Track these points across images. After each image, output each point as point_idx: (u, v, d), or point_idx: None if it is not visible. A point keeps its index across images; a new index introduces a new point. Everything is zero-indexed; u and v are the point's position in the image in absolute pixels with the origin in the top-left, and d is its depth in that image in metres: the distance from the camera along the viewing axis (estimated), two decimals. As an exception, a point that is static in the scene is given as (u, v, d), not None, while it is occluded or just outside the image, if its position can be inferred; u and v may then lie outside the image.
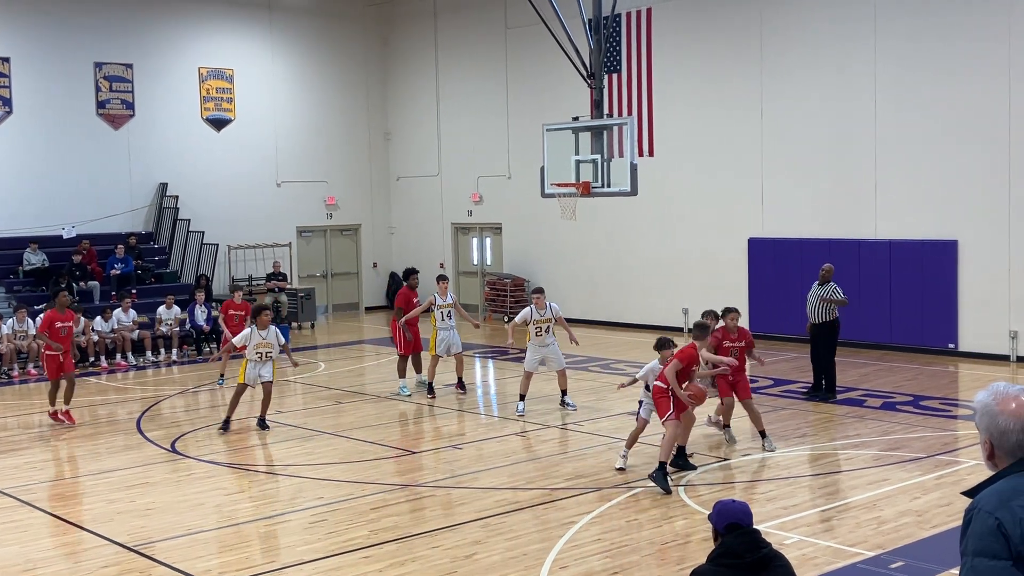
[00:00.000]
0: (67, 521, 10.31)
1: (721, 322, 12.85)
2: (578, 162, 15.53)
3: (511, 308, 25.63)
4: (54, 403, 15.13)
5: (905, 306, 19.48)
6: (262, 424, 14.28)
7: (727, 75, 21.95)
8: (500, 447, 13.17)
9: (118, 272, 23.05)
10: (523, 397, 15.13)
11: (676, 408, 11.02)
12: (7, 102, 23.82)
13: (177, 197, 25.74)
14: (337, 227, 29.20)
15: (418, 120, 28.93)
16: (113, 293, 22.34)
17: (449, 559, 8.89)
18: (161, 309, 21.47)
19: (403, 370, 16.94)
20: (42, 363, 15.80)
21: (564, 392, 15.22)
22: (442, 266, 28.18)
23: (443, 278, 17.18)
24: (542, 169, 16.17)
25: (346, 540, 9.46)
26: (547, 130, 16.29)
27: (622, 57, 23.46)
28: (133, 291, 22.19)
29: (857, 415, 14.45)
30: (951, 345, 19.01)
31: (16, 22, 23.97)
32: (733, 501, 5.34)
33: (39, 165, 24.10)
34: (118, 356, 20.79)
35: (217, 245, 25.73)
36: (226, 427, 14.06)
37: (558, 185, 15.77)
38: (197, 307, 21.56)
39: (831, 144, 20.43)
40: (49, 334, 15.11)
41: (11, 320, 19.98)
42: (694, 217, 22.76)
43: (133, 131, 25.46)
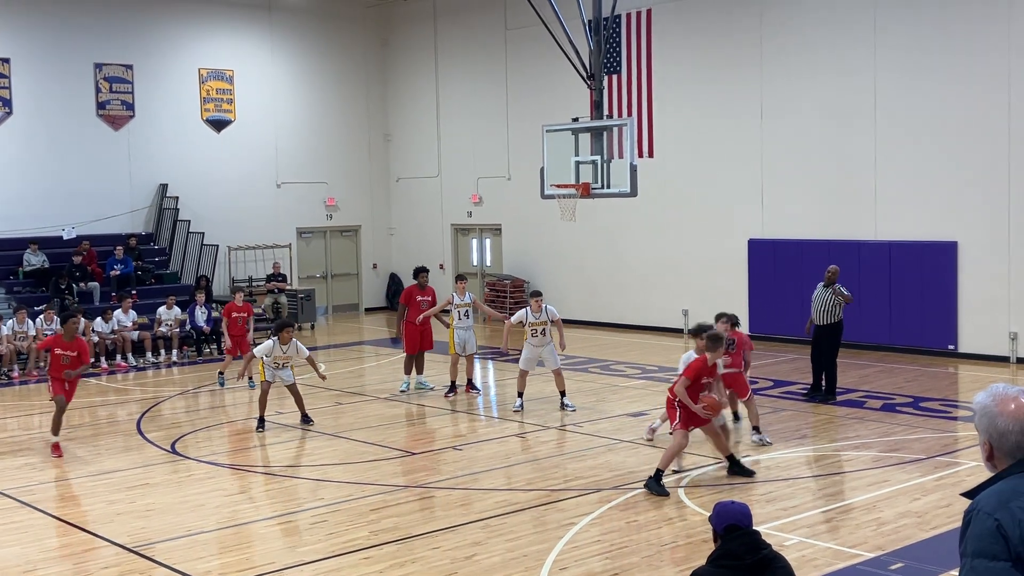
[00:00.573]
0: (67, 522, 10.31)
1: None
2: (578, 163, 15.54)
3: (511, 309, 25.63)
4: (58, 431, 13.44)
5: (905, 307, 19.49)
6: (305, 419, 14.53)
7: (727, 76, 21.96)
8: (500, 448, 13.18)
9: (118, 273, 23.05)
10: (520, 395, 15.25)
11: (684, 419, 10.97)
12: (7, 103, 23.83)
13: (177, 198, 25.75)
14: (337, 228, 29.20)
15: (418, 121, 28.94)
16: (113, 294, 22.35)
17: (449, 560, 8.89)
18: (161, 310, 21.47)
19: (409, 367, 16.98)
20: (48, 387, 13.73)
21: (563, 394, 15.22)
22: (442, 267, 28.19)
23: (462, 278, 17.32)
24: (542, 170, 16.17)
25: (346, 541, 9.46)
26: (547, 131, 16.29)
27: (622, 58, 23.47)
28: (133, 292, 22.19)
29: (857, 416, 14.46)
30: (951, 346, 19.02)
31: (16, 23, 23.97)
32: (733, 502, 5.35)
33: (39, 166, 24.11)
34: (118, 357, 20.79)
35: (217, 246, 25.74)
36: (261, 425, 14.30)
37: (558, 186, 15.78)
38: (197, 308, 21.56)
39: (831, 145, 20.44)
40: (50, 363, 13.62)
41: (11, 321, 19.98)
42: (694, 218, 22.76)
43: (133, 132, 25.47)
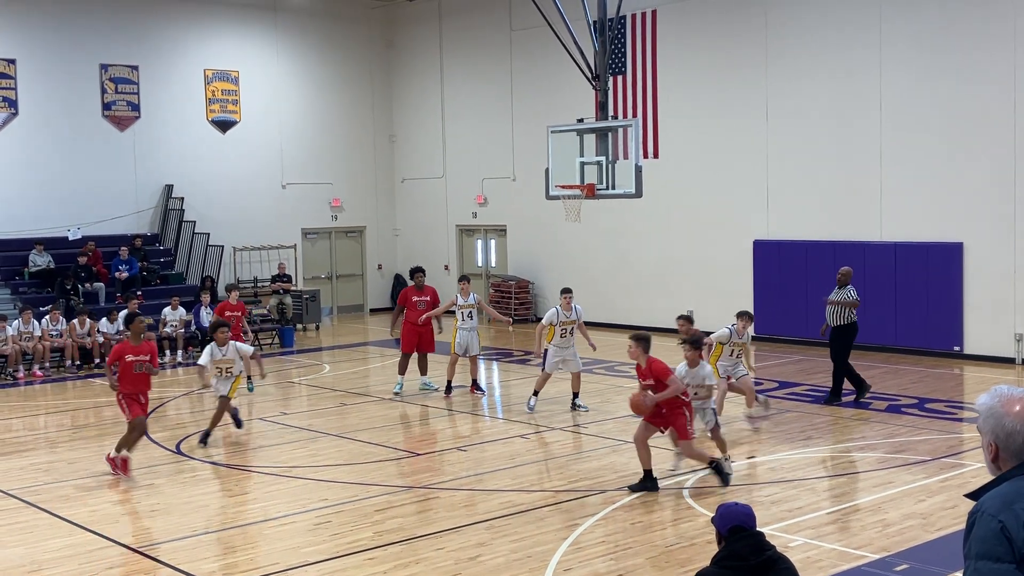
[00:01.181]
0: (72, 522, 10.32)
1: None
2: (583, 164, 15.55)
3: (515, 310, 25.65)
4: (126, 448, 12.13)
5: (910, 308, 19.46)
6: (204, 439, 13.34)
7: (732, 77, 21.95)
8: (505, 449, 13.17)
9: (124, 274, 23.08)
10: (536, 393, 15.18)
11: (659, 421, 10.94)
12: (13, 104, 23.87)
13: (183, 199, 25.78)
14: (342, 229, 29.22)
15: (423, 122, 28.96)
16: (119, 295, 22.38)
17: (453, 561, 8.89)
18: (166, 310, 21.49)
19: (403, 368, 16.89)
20: (120, 406, 12.12)
21: (576, 395, 15.16)
22: (447, 268, 28.20)
23: (465, 279, 17.09)
24: (547, 171, 16.18)
25: (351, 542, 9.46)
26: (552, 132, 16.30)
27: (627, 59, 23.47)
28: (139, 293, 22.21)
29: (862, 418, 14.44)
30: (956, 348, 18.99)
31: (22, 24, 24.02)
32: (737, 504, 5.34)
33: (45, 166, 24.15)
34: (123, 357, 20.79)
35: (222, 247, 25.77)
36: (204, 440, 13.40)
37: (563, 187, 15.79)
38: (202, 309, 21.56)
39: (836, 146, 20.41)
40: (120, 372, 11.88)
41: (16, 322, 20.02)
42: (699, 219, 22.75)
43: (139, 133, 25.51)
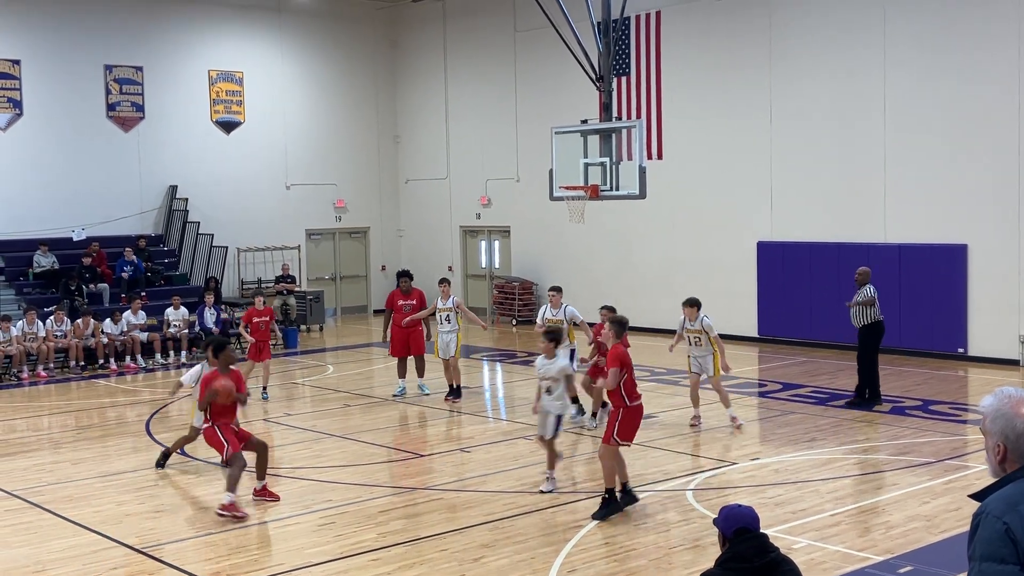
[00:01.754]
0: (76, 523, 10.33)
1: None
2: (587, 165, 15.53)
3: (519, 311, 25.66)
4: (261, 473, 10.92)
5: (915, 310, 19.43)
6: (160, 462, 12.36)
7: (736, 78, 21.93)
8: (508, 450, 13.17)
9: (128, 275, 23.10)
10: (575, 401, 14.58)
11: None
12: (17, 104, 23.90)
13: (187, 199, 25.80)
14: (346, 230, 29.23)
15: (427, 123, 28.97)
16: (123, 295, 22.40)
17: (457, 562, 8.89)
18: (169, 310, 21.51)
19: (402, 371, 16.88)
20: (215, 441, 10.56)
21: (573, 399, 14.74)
22: (450, 269, 28.20)
23: (444, 281, 16.93)
24: (551, 172, 16.16)
25: (354, 543, 9.46)
26: (556, 133, 16.29)
27: (631, 60, 23.46)
28: (143, 293, 22.22)
29: (866, 419, 14.42)
30: (961, 349, 18.96)
31: (26, 25, 24.05)
32: (740, 505, 5.33)
33: (49, 167, 24.18)
34: (127, 358, 20.84)
35: (226, 247, 25.78)
36: (162, 462, 12.44)
37: (567, 188, 15.77)
38: (206, 309, 21.59)
39: (841, 147, 20.39)
40: (213, 407, 10.58)
41: (21, 322, 20.04)
42: (703, 220, 22.73)
43: (143, 133, 25.54)
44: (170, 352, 21.33)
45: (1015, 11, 18.00)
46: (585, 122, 16.12)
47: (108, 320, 20.78)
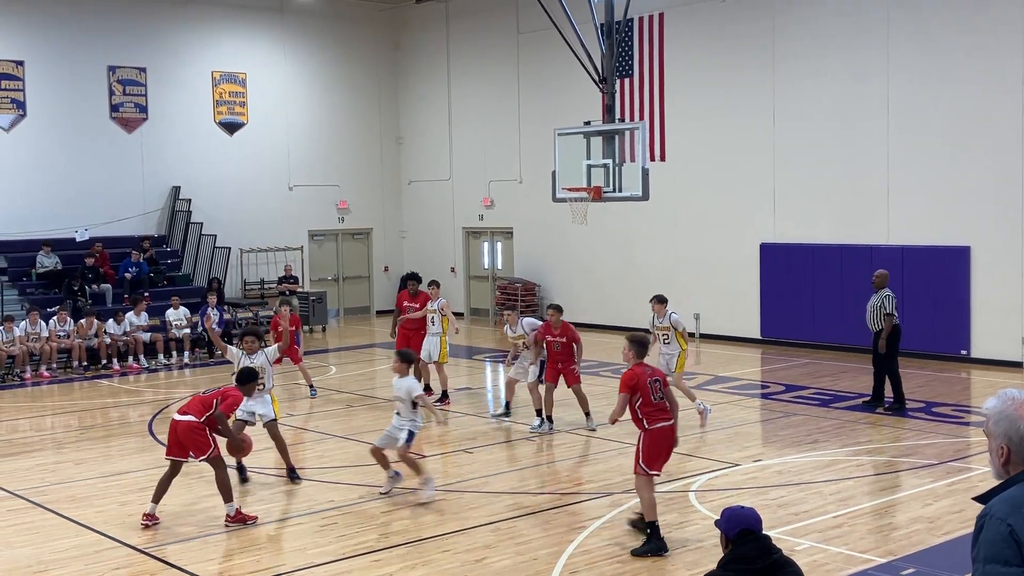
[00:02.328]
0: (79, 523, 10.33)
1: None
2: (590, 166, 15.53)
3: (522, 313, 25.60)
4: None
5: (918, 312, 19.41)
6: (292, 475, 11.74)
7: (739, 80, 21.93)
8: (511, 451, 13.17)
9: (131, 275, 23.12)
10: (508, 404, 14.94)
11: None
12: (21, 105, 23.93)
13: (190, 200, 25.83)
14: (349, 231, 29.25)
15: (430, 124, 28.98)
16: (126, 296, 22.41)
17: (459, 563, 8.89)
18: (169, 311, 21.53)
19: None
20: (208, 438, 10.35)
21: (537, 411, 14.26)
22: (453, 270, 28.22)
23: (434, 283, 16.79)
24: (553, 173, 16.17)
25: (356, 543, 9.47)
26: (559, 134, 16.29)
27: (634, 62, 23.46)
28: (146, 294, 22.24)
29: (869, 421, 14.41)
30: (963, 351, 18.94)
31: (30, 26, 24.08)
32: (743, 507, 5.34)
33: (52, 168, 24.20)
34: (130, 359, 20.85)
35: (229, 248, 25.80)
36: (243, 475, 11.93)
37: (569, 189, 15.78)
38: (209, 310, 21.57)
39: (843, 149, 20.39)
40: (211, 423, 10.36)
41: (24, 322, 20.06)
42: (705, 222, 22.73)
43: (146, 134, 25.56)
44: (172, 352, 21.35)
45: (1018, 13, 17.98)
46: (588, 123, 16.12)
47: (111, 320, 20.80)
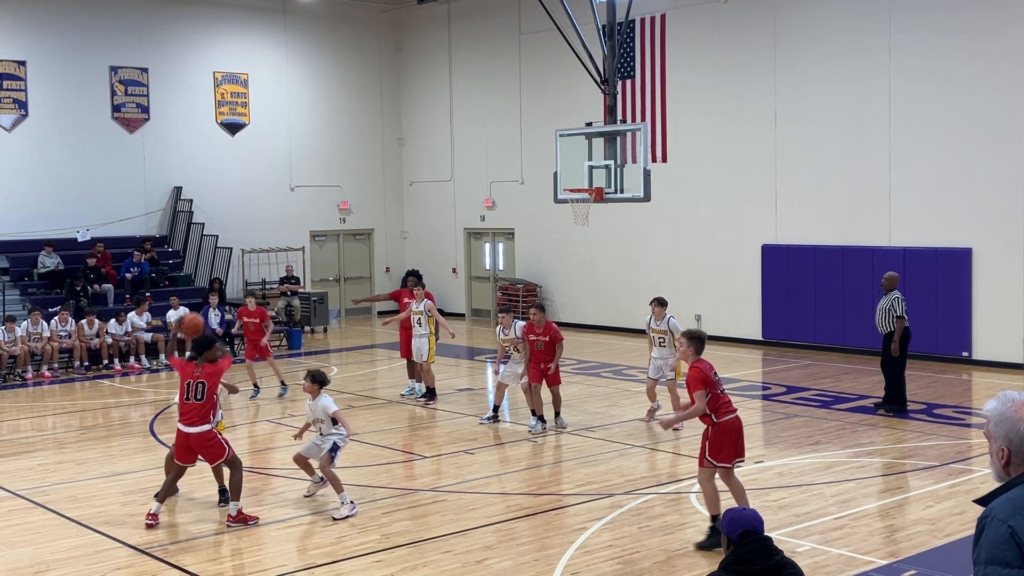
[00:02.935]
0: (80, 523, 10.34)
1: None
2: (591, 168, 15.54)
3: (523, 313, 25.62)
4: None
5: (919, 314, 19.38)
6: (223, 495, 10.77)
7: (741, 81, 21.93)
8: (512, 452, 13.17)
9: (132, 275, 23.13)
10: (496, 408, 14.94)
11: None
12: (23, 105, 23.94)
13: (191, 201, 25.84)
14: (350, 231, 29.25)
15: (431, 125, 28.99)
16: (127, 296, 22.42)
17: (460, 564, 8.89)
18: (170, 311, 21.54)
19: (410, 372, 16.93)
20: (222, 441, 10.23)
21: (533, 412, 14.31)
22: (454, 271, 28.22)
23: (418, 284, 16.72)
24: (555, 174, 16.18)
25: (357, 544, 9.47)
26: (560, 135, 16.30)
27: (636, 63, 23.47)
28: (148, 294, 22.25)
29: (870, 423, 14.40)
30: (965, 353, 18.94)
31: (32, 26, 24.09)
32: (745, 509, 5.34)
33: (54, 168, 24.21)
34: (131, 359, 20.87)
35: (231, 249, 25.81)
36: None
37: (571, 191, 15.78)
38: (211, 310, 21.60)
39: (845, 151, 20.38)
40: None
41: (25, 323, 20.07)
42: (707, 223, 22.73)
43: (148, 135, 25.57)
44: (174, 353, 21.32)
45: (1019, 15, 17.98)
46: (590, 125, 16.13)
47: (113, 320, 20.81)
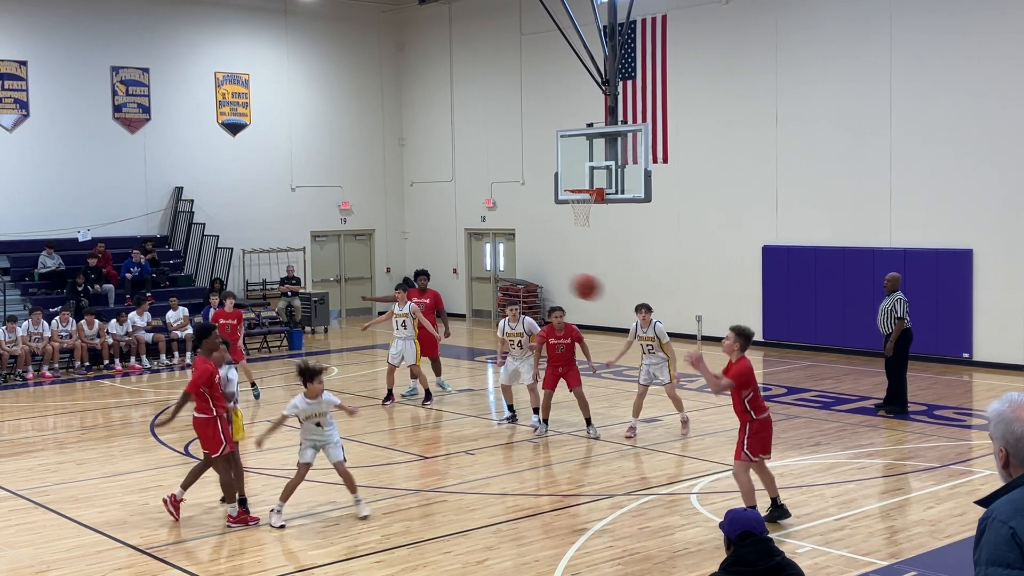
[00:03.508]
0: (80, 523, 10.34)
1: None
2: (592, 168, 15.53)
3: (523, 314, 25.60)
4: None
5: (920, 315, 19.35)
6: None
7: (742, 82, 21.93)
8: (513, 453, 13.17)
9: (133, 275, 23.13)
10: (511, 407, 14.86)
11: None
12: (24, 105, 23.95)
13: (192, 201, 25.84)
14: (351, 232, 29.25)
15: (432, 126, 28.99)
16: (128, 296, 22.43)
17: (460, 564, 8.89)
18: (169, 312, 21.55)
19: (436, 369, 16.96)
20: (220, 435, 10.19)
21: (536, 411, 14.28)
22: (455, 272, 28.22)
23: (401, 286, 16.65)
24: (556, 175, 16.18)
25: (358, 545, 9.47)
26: (561, 136, 16.30)
27: (637, 64, 23.47)
28: (148, 295, 22.26)
29: (871, 424, 14.40)
30: (966, 355, 18.93)
31: (33, 26, 24.10)
32: (745, 509, 5.34)
33: (55, 168, 24.21)
34: (132, 359, 20.87)
35: (232, 249, 25.81)
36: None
37: (572, 191, 15.78)
38: (211, 311, 21.57)
39: (846, 151, 20.38)
40: (213, 394, 10.21)
41: (26, 323, 20.07)
42: (708, 224, 22.73)
43: (149, 135, 25.58)
44: (175, 353, 21.36)
45: (1020, 18, 17.97)
46: (591, 125, 16.12)
47: (114, 321, 20.81)
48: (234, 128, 26.95)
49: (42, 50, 24.15)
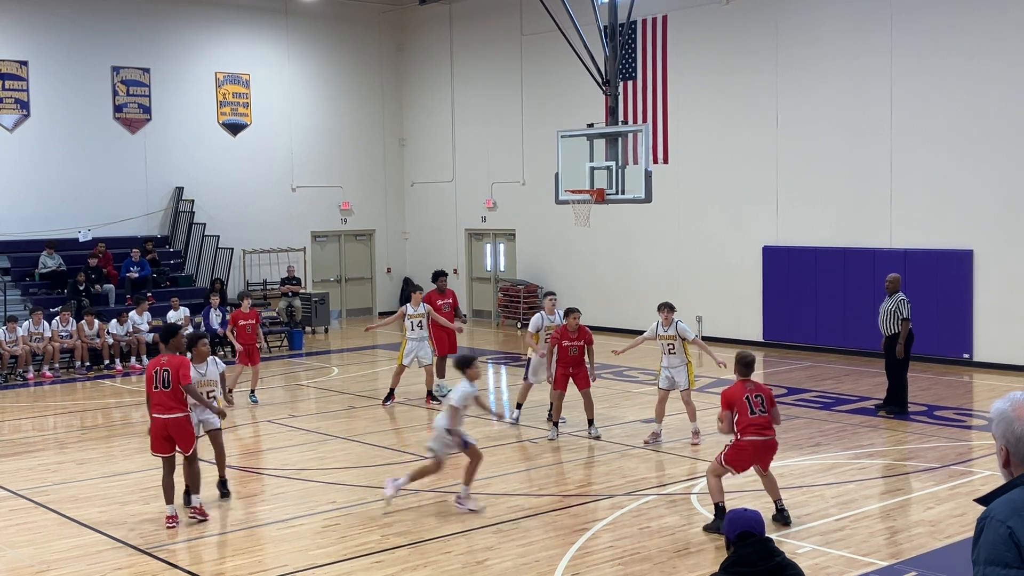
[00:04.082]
0: (81, 523, 10.34)
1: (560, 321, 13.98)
2: (592, 169, 15.53)
3: (524, 314, 25.64)
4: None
5: (920, 316, 19.36)
6: (222, 488, 11.16)
7: (743, 83, 21.93)
8: (513, 453, 13.17)
9: (134, 276, 23.14)
10: (519, 406, 14.91)
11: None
12: (25, 105, 23.96)
13: (193, 201, 25.85)
14: (351, 232, 29.26)
15: (433, 126, 28.99)
16: (128, 296, 22.43)
17: (461, 564, 8.89)
18: (170, 312, 21.54)
19: (440, 370, 16.97)
20: (194, 432, 10.60)
21: (519, 405, 14.57)
22: (456, 272, 28.22)
23: (418, 288, 16.82)
24: (556, 175, 16.18)
25: (358, 544, 9.47)
26: (562, 137, 16.30)
27: (637, 64, 23.47)
28: (149, 295, 22.26)
29: (871, 425, 14.40)
30: (966, 355, 18.93)
31: (34, 26, 24.11)
32: (745, 510, 5.34)
33: (56, 168, 24.22)
34: (133, 359, 20.87)
35: (232, 249, 25.82)
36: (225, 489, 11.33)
37: (572, 192, 15.78)
38: (212, 311, 21.60)
39: (846, 153, 20.39)
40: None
41: (27, 323, 20.08)
42: (708, 224, 22.73)
43: (150, 135, 25.59)
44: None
45: (1020, 19, 17.97)
46: (591, 126, 16.13)
47: (114, 321, 20.82)
48: (235, 128, 26.96)
49: (43, 50, 24.16)
